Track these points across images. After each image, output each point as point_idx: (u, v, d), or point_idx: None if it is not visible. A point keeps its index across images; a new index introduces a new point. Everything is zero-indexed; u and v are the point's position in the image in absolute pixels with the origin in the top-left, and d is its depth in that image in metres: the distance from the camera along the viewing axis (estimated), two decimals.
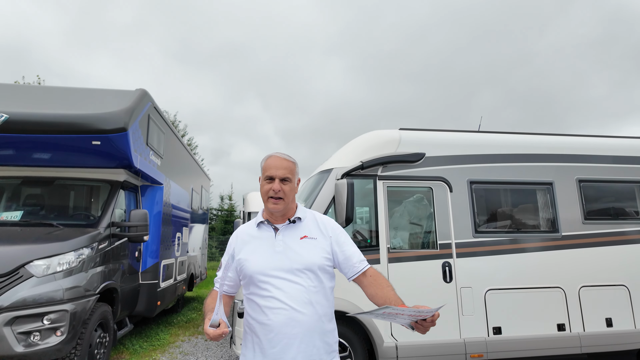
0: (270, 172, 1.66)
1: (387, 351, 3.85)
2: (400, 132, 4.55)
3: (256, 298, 1.60)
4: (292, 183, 1.69)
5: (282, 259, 1.61)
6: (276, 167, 1.67)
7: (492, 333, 4.07)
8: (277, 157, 1.70)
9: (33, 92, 5.51)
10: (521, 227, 4.50)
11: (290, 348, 1.52)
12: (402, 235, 4.40)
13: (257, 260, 1.62)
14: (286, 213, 1.71)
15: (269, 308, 1.55)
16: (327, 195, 4.11)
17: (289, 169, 1.68)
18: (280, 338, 1.52)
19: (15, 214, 4.70)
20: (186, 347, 5.80)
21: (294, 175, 1.70)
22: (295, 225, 1.71)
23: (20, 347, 3.41)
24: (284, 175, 1.66)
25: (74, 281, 3.86)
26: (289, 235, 1.68)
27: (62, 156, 4.86)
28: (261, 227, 1.73)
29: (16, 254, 3.68)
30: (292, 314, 1.53)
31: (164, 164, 6.34)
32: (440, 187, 4.37)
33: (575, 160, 4.75)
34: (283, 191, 1.65)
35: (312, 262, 1.62)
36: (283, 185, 1.66)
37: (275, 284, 1.57)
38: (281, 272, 1.58)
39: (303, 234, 1.69)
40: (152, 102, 5.59)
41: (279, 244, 1.65)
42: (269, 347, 1.54)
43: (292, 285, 1.57)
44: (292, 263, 1.60)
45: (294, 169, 1.71)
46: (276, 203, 1.65)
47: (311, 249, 1.66)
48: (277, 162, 1.68)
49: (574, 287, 4.31)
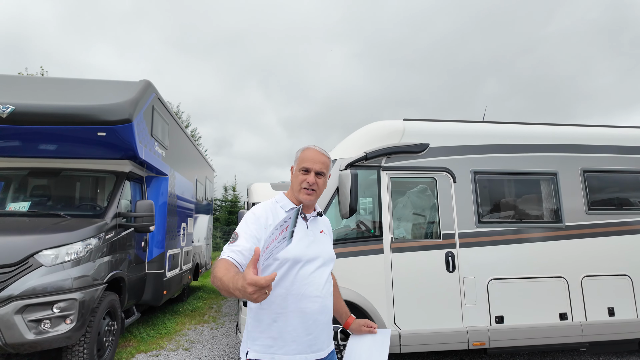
0: (307, 164, 1.69)
1: (391, 340, 3.90)
2: (404, 122, 4.54)
3: (290, 285, 1.57)
4: (325, 178, 1.73)
5: (317, 249, 1.67)
6: (314, 160, 1.69)
7: (495, 322, 4.11)
8: (315, 151, 1.72)
9: (38, 83, 5.53)
10: (524, 218, 4.51)
11: (322, 334, 1.61)
12: (406, 226, 4.42)
13: (297, 246, 1.58)
14: (312, 205, 1.77)
15: (307, 296, 1.58)
16: (331, 186, 4.12)
17: (325, 164, 1.71)
18: (317, 325, 1.59)
19: (23, 205, 4.76)
20: (192, 335, 5.89)
21: (328, 170, 1.74)
22: (318, 219, 1.79)
23: (31, 335, 3.49)
24: (320, 169, 1.69)
25: (82, 270, 3.93)
26: (315, 227, 1.75)
27: (68, 147, 4.90)
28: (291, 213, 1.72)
29: (25, 243, 3.74)
30: (324, 301, 1.62)
31: (168, 155, 6.38)
32: (444, 178, 4.38)
33: (580, 151, 4.74)
34: (317, 184, 1.69)
35: (332, 255, 1.76)
36: (317, 178, 1.69)
37: (312, 272, 1.61)
38: (317, 261, 1.64)
39: (321, 229, 1.78)
40: (156, 93, 5.60)
41: (311, 234, 1.70)
42: (303, 335, 1.56)
43: (322, 275, 1.65)
44: (323, 254, 1.68)
45: (329, 165, 1.74)
46: (309, 194, 1.68)
47: (328, 243, 1.79)
48: (316, 156, 1.70)
49: (576, 277, 4.33)
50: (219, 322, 6.76)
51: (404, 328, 3.96)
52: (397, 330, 3.95)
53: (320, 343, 1.61)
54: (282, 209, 1.70)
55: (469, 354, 4.93)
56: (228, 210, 25.10)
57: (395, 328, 3.96)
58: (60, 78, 5.50)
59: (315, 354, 1.59)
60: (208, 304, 8.47)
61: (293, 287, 1.57)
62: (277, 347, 1.55)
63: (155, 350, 5.10)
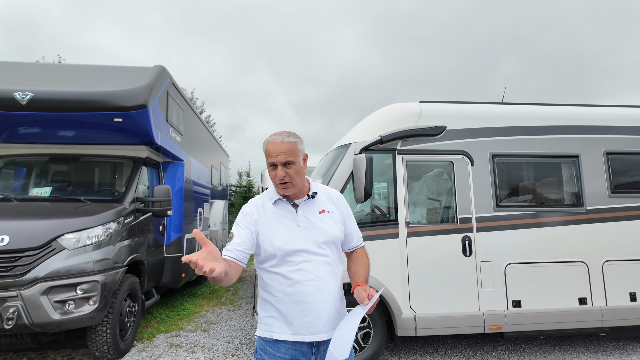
0: (271, 159, 1.62)
1: (406, 322, 3.92)
2: (420, 104, 4.45)
3: (283, 271, 1.62)
4: (297, 164, 1.63)
5: (308, 234, 1.65)
6: (275, 153, 1.61)
7: (512, 306, 4.08)
8: (274, 142, 1.62)
9: (55, 70, 5.60)
10: (544, 201, 4.42)
11: (321, 317, 1.60)
12: (421, 210, 4.38)
13: (283, 236, 1.63)
14: (300, 190, 1.72)
15: (299, 281, 1.59)
16: (345, 171, 4.10)
17: (289, 151, 1.61)
18: (313, 308, 1.59)
19: (44, 190, 4.88)
20: (210, 316, 6.03)
21: (296, 155, 1.63)
22: (313, 200, 1.73)
23: (57, 315, 3.62)
24: (285, 159, 1.60)
25: (102, 254, 4.03)
26: (309, 210, 1.71)
27: (86, 133, 4.98)
28: (279, 204, 1.71)
29: (48, 227, 3.85)
30: (320, 284, 1.60)
31: (184, 140, 6.42)
32: (461, 161, 4.30)
33: (603, 132, 4.58)
34: (289, 175, 1.62)
35: (334, 235, 1.70)
36: (287, 169, 1.61)
37: (304, 258, 1.61)
38: (309, 246, 1.63)
39: (321, 209, 1.73)
40: (170, 78, 5.61)
41: (302, 220, 1.67)
42: (300, 317, 1.58)
43: (318, 258, 1.63)
44: (317, 237, 1.65)
45: (296, 149, 1.63)
46: (285, 188, 1.64)
47: (331, 222, 1.71)
48: (276, 147, 1.61)
49: (597, 262, 4.24)
50: (235, 304, 6.90)
51: (419, 311, 3.96)
52: (413, 313, 3.96)
53: (321, 325, 1.59)
54: (270, 202, 1.72)
55: (484, 338, 4.93)
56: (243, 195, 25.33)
57: (411, 311, 3.97)
58: (77, 65, 5.56)
59: (314, 335, 1.59)
60: (225, 286, 8.64)
61: (286, 273, 1.61)
62: (276, 327, 1.62)
63: (175, 331, 5.25)
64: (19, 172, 5.29)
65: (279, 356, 1.60)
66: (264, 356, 1.63)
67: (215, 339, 4.92)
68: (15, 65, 5.32)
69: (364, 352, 3.95)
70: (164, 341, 4.82)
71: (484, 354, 4.43)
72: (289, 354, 1.60)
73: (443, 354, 4.42)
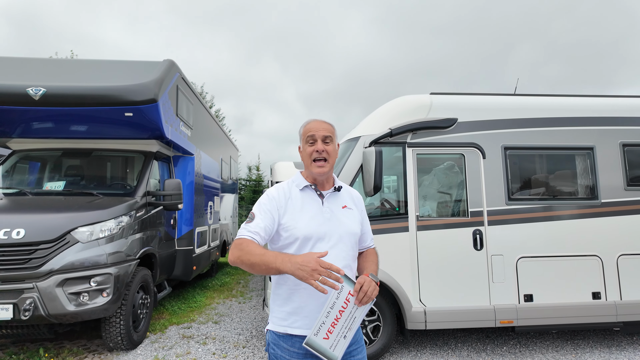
0: (311, 133, 1.67)
1: (416, 316, 3.91)
2: (431, 96, 4.40)
3: None
4: (333, 144, 1.69)
5: (332, 226, 1.65)
6: (316, 128, 1.68)
7: (523, 300, 4.04)
8: (317, 121, 1.71)
9: (67, 65, 5.66)
10: (557, 194, 4.34)
11: None
12: (432, 203, 4.35)
13: (309, 224, 1.62)
14: (328, 180, 1.73)
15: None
16: (354, 164, 4.08)
17: (329, 130, 1.69)
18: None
19: (58, 184, 4.96)
20: (221, 309, 6.11)
21: (334, 136, 1.70)
22: (338, 194, 1.75)
23: (72, 306, 3.69)
24: (325, 134, 1.66)
25: (115, 247, 4.09)
26: (334, 202, 1.72)
27: (98, 128, 5.04)
28: (306, 191, 1.71)
29: (62, 221, 3.91)
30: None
31: (194, 134, 6.46)
32: (472, 154, 4.25)
33: (620, 124, 4.47)
34: (327, 151, 1.66)
35: (355, 231, 1.72)
36: (326, 145, 1.66)
37: (325, 246, 1.60)
38: (332, 238, 1.63)
39: (344, 204, 1.75)
40: (180, 72, 5.63)
41: (327, 211, 1.68)
42: (316, 311, 1.55)
43: (338, 252, 1.62)
44: (340, 230, 1.65)
45: (334, 132, 1.71)
46: (322, 166, 1.65)
47: (352, 218, 1.74)
48: (318, 124, 1.69)
49: (612, 256, 4.17)
50: (246, 296, 6.96)
51: (430, 305, 3.95)
52: (423, 307, 3.94)
53: None
54: (297, 188, 1.71)
55: (495, 332, 4.89)
56: (252, 189, 25.46)
57: (421, 305, 3.95)
58: (88, 60, 5.62)
59: None
60: (236, 279, 8.73)
61: None
62: (291, 321, 1.60)
63: (187, 322, 5.33)
64: (33, 167, 5.39)
65: (294, 351, 1.57)
66: (277, 351, 1.60)
67: (226, 331, 4.98)
68: (27, 60, 5.38)
69: (373, 345, 3.96)
70: (176, 333, 4.89)
71: (495, 348, 4.40)
72: (303, 349, 1.56)
73: (453, 347, 4.41)
